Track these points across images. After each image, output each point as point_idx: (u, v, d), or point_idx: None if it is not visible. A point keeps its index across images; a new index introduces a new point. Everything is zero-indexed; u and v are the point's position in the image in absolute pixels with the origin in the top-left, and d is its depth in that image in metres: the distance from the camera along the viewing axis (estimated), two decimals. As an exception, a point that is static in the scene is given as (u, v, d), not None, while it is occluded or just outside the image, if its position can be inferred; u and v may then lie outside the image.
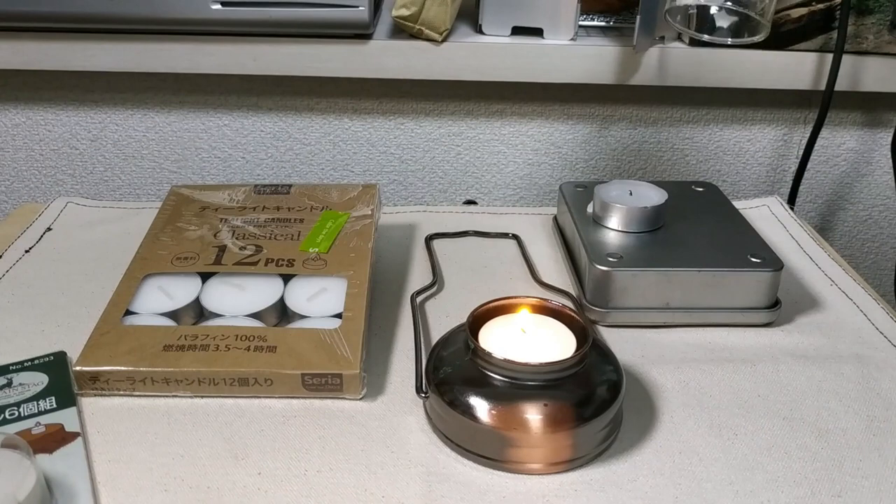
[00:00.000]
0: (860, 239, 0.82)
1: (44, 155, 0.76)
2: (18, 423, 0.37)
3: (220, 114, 0.74)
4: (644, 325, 0.47)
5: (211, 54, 0.67)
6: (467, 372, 0.38)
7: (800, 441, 0.38)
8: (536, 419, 0.36)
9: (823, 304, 0.50)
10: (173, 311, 0.44)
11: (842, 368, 0.44)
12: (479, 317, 0.40)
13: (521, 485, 0.35)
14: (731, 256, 0.47)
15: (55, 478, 0.34)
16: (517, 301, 0.41)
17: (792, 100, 0.75)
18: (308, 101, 0.74)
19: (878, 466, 0.37)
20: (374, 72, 0.68)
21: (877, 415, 0.40)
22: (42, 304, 0.49)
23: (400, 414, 0.40)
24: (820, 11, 0.66)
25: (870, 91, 0.70)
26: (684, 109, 0.75)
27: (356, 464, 0.36)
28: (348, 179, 0.78)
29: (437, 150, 0.76)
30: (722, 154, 0.78)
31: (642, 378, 0.43)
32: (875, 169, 0.78)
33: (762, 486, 0.36)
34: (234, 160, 0.77)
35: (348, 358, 0.40)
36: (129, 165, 0.77)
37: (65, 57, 0.67)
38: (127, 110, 0.74)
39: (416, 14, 0.64)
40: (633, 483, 0.36)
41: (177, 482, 0.35)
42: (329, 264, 0.47)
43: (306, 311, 0.44)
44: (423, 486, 0.35)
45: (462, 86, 0.73)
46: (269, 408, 0.40)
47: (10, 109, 0.74)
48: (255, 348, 0.40)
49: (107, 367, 0.40)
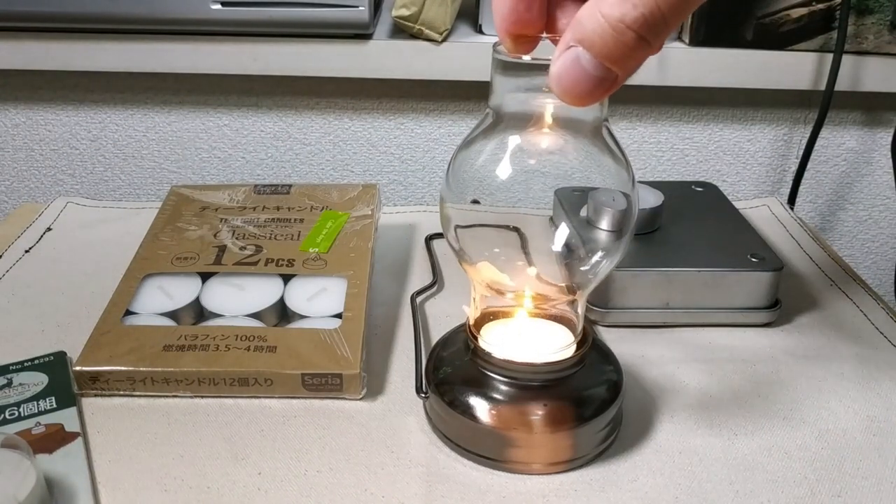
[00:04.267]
0: (860, 239, 0.82)
1: (44, 155, 0.76)
2: (18, 423, 0.37)
3: (220, 114, 0.74)
4: (644, 325, 0.47)
5: (211, 54, 0.67)
6: (467, 372, 0.38)
7: (800, 441, 0.38)
8: (536, 419, 0.36)
9: (823, 304, 0.50)
10: (173, 311, 0.44)
11: (842, 368, 0.44)
12: (479, 317, 0.40)
13: (522, 485, 0.35)
14: (731, 256, 0.47)
15: (55, 478, 0.34)
16: (517, 301, 0.41)
17: (792, 100, 0.74)
18: (308, 101, 0.74)
19: (879, 467, 0.37)
20: (374, 72, 0.68)
21: (877, 415, 0.40)
22: (42, 304, 0.49)
23: (400, 414, 0.40)
24: (820, 11, 0.66)
25: (870, 91, 0.70)
26: (684, 109, 0.75)
27: (356, 464, 0.36)
28: (348, 179, 0.78)
29: (437, 150, 0.76)
30: (722, 154, 0.77)
31: (642, 378, 0.43)
32: (875, 169, 0.78)
33: (762, 486, 0.36)
34: (234, 160, 0.77)
35: (348, 358, 0.40)
36: (128, 165, 0.77)
37: (65, 57, 0.67)
38: (127, 110, 0.74)
39: (416, 14, 0.64)
40: (633, 483, 0.36)
41: (177, 482, 0.35)
42: (329, 264, 0.47)
43: (306, 311, 0.44)
44: (423, 486, 0.35)
45: (462, 86, 0.72)
46: (269, 408, 0.40)
47: (10, 109, 0.74)
48: (255, 348, 0.40)
49: (107, 367, 0.40)
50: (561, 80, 0.25)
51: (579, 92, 0.25)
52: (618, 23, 0.23)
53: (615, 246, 0.36)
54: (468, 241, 0.36)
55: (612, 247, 0.37)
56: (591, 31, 0.24)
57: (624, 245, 0.36)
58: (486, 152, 0.34)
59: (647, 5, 0.23)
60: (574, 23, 0.25)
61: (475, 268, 0.37)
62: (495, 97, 0.34)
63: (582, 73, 0.25)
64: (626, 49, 0.24)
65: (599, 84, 0.25)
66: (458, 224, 0.36)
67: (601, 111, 0.33)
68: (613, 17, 0.23)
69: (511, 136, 0.34)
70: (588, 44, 0.24)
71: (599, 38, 0.24)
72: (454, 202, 0.36)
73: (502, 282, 0.37)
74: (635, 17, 0.23)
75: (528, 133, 0.34)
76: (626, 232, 0.35)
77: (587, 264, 0.37)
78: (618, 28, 0.23)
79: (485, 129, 0.34)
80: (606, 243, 0.41)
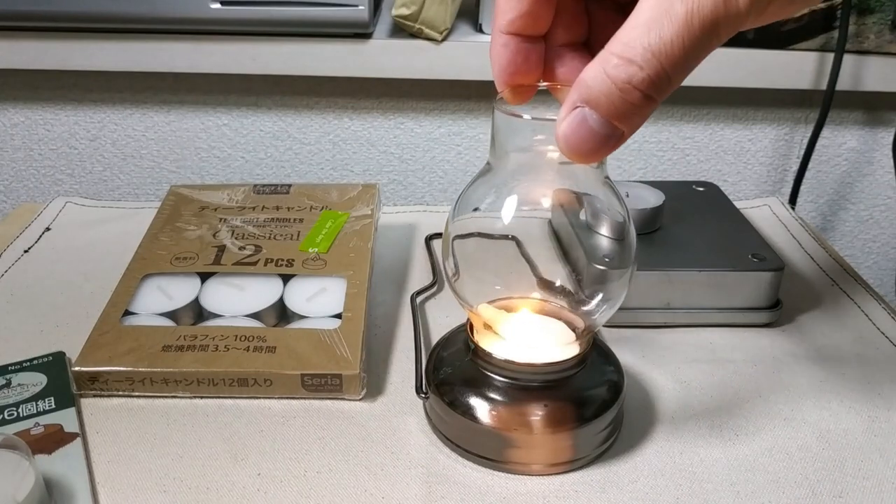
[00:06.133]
0: (861, 239, 0.82)
1: (42, 154, 0.76)
2: (17, 423, 0.37)
3: (220, 113, 0.74)
4: (644, 325, 0.47)
5: (210, 54, 0.67)
6: (467, 372, 0.38)
7: (801, 442, 0.38)
8: (537, 420, 0.35)
9: (825, 304, 0.50)
10: (172, 311, 0.44)
11: (843, 369, 0.44)
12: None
13: (522, 486, 0.35)
14: (732, 256, 0.47)
15: (54, 478, 0.34)
16: (517, 301, 0.41)
17: (793, 99, 0.74)
18: (308, 101, 0.74)
19: (880, 467, 0.37)
20: (374, 71, 0.68)
21: (878, 415, 0.40)
22: (41, 304, 0.48)
23: (400, 414, 0.40)
24: (821, 11, 0.66)
25: (871, 90, 0.70)
26: (685, 109, 0.75)
27: (356, 465, 0.36)
28: (348, 179, 0.78)
29: (437, 150, 0.76)
30: (723, 154, 0.77)
31: (643, 378, 0.43)
32: (876, 169, 0.78)
33: (763, 487, 0.35)
34: (234, 160, 0.77)
35: (348, 358, 0.40)
36: (128, 165, 0.77)
37: (64, 56, 0.67)
38: (126, 110, 0.74)
39: (416, 13, 0.64)
40: (633, 484, 0.36)
41: (176, 483, 0.35)
42: (329, 264, 0.47)
43: (306, 311, 0.44)
44: (423, 487, 0.35)
45: (462, 85, 0.72)
46: (269, 408, 0.40)
47: (9, 109, 0.74)
48: (254, 349, 0.40)
49: (106, 367, 0.39)
50: (568, 140, 0.26)
51: (586, 150, 0.26)
52: (625, 84, 0.24)
53: (618, 285, 0.36)
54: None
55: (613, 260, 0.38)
56: (598, 91, 0.25)
57: (625, 285, 0.36)
58: (484, 204, 0.35)
59: (652, 67, 0.24)
60: (579, 84, 0.25)
61: (475, 313, 0.37)
62: (497, 151, 0.34)
63: (589, 132, 0.25)
64: (632, 108, 0.25)
65: (606, 142, 0.26)
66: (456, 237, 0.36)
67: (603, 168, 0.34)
68: (620, 78, 0.24)
69: (510, 188, 0.35)
70: (595, 104, 0.25)
71: (606, 98, 0.25)
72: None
73: (499, 326, 0.37)
74: (642, 78, 0.24)
75: (528, 184, 0.35)
76: (627, 265, 0.36)
77: (590, 305, 0.37)
78: (624, 89, 0.24)
79: (484, 178, 0.35)
80: (608, 250, 0.41)
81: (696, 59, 0.24)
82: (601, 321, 0.37)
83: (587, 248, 0.43)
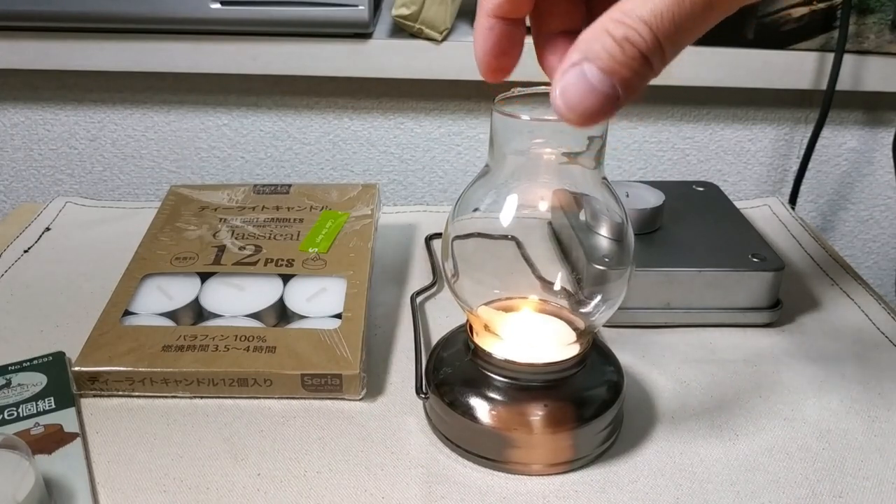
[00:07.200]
0: (861, 239, 0.82)
1: (42, 154, 0.76)
2: (17, 423, 0.37)
3: (220, 113, 0.74)
4: (644, 325, 0.47)
5: (210, 54, 0.67)
6: (467, 372, 0.38)
7: (801, 442, 0.38)
8: (537, 420, 0.35)
9: (825, 304, 0.50)
10: (172, 311, 0.44)
11: (843, 369, 0.44)
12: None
13: (522, 486, 0.35)
14: (732, 256, 0.47)
15: (54, 478, 0.34)
16: (517, 301, 0.41)
17: (793, 99, 0.74)
18: (307, 101, 0.74)
19: (880, 467, 0.37)
20: (374, 71, 0.68)
21: (878, 415, 0.40)
22: (41, 304, 0.48)
23: (400, 414, 0.40)
24: (821, 11, 0.66)
25: (871, 90, 0.70)
26: (685, 109, 0.75)
27: (356, 465, 0.36)
28: (348, 179, 0.77)
29: (437, 150, 0.76)
30: (723, 153, 0.77)
31: (643, 378, 0.43)
32: (876, 169, 0.78)
33: (763, 487, 0.35)
34: (234, 160, 0.76)
35: (348, 358, 0.40)
36: (127, 165, 0.77)
37: (63, 56, 0.67)
38: (126, 110, 0.74)
39: (416, 13, 0.64)
40: (633, 484, 0.36)
41: (176, 483, 0.35)
42: (328, 264, 0.47)
43: (306, 311, 0.44)
44: (423, 487, 0.35)
45: (462, 85, 0.72)
46: (269, 408, 0.40)
47: (9, 109, 0.74)
48: (254, 349, 0.40)
49: (106, 367, 0.39)
50: (566, 95, 0.26)
51: (583, 109, 0.26)
52: (623, 40, 0.24)
53: (617, 285, 0.37)
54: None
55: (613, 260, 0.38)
56: (598, 45, 0.25)
57: (624, 286, 0.36)
58: (484, 205, 0.35)
59: (648, 35, 0.24)
60: (579, 42, 0.25)
61: (475, 315, 0.37)
62: (495, 152, 0.34)
63: (588, 87, 0.25)
64: (630, 66, 0.25)
65: (605, 100, 0.25)
66: (455, 238, 0.36)
67: (600, 169, 0.35)
68: (619, 33, 0.24)
69: (509, 190, 0.35)
70: (594, 56, 0.25)
71: (606, 51, 0.25)
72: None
73: (498, 328, 0.37)
74: (639, 39, 0.24)
75: (527, 186, 0.35)
76: (626, 265, 0.36)
77: (588, 306, 0.37)
78: (624, 44, 0.24)
79: (484, 180, 0.35)
80: (607, 250, 0.41)
81: (690, 31, 0.25)
82: (601, 321, 0.37)
83: (587, 248, 0.43)
